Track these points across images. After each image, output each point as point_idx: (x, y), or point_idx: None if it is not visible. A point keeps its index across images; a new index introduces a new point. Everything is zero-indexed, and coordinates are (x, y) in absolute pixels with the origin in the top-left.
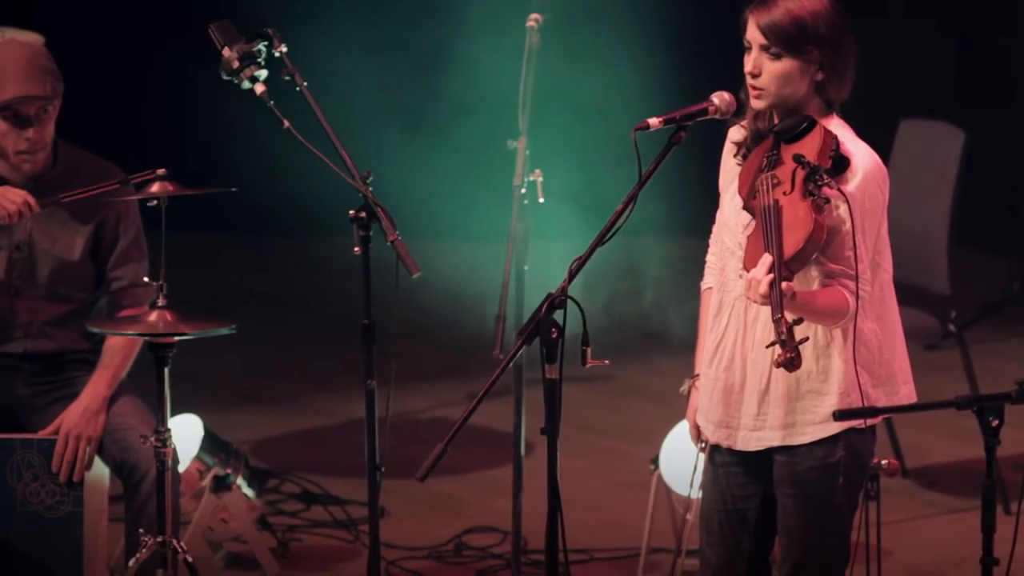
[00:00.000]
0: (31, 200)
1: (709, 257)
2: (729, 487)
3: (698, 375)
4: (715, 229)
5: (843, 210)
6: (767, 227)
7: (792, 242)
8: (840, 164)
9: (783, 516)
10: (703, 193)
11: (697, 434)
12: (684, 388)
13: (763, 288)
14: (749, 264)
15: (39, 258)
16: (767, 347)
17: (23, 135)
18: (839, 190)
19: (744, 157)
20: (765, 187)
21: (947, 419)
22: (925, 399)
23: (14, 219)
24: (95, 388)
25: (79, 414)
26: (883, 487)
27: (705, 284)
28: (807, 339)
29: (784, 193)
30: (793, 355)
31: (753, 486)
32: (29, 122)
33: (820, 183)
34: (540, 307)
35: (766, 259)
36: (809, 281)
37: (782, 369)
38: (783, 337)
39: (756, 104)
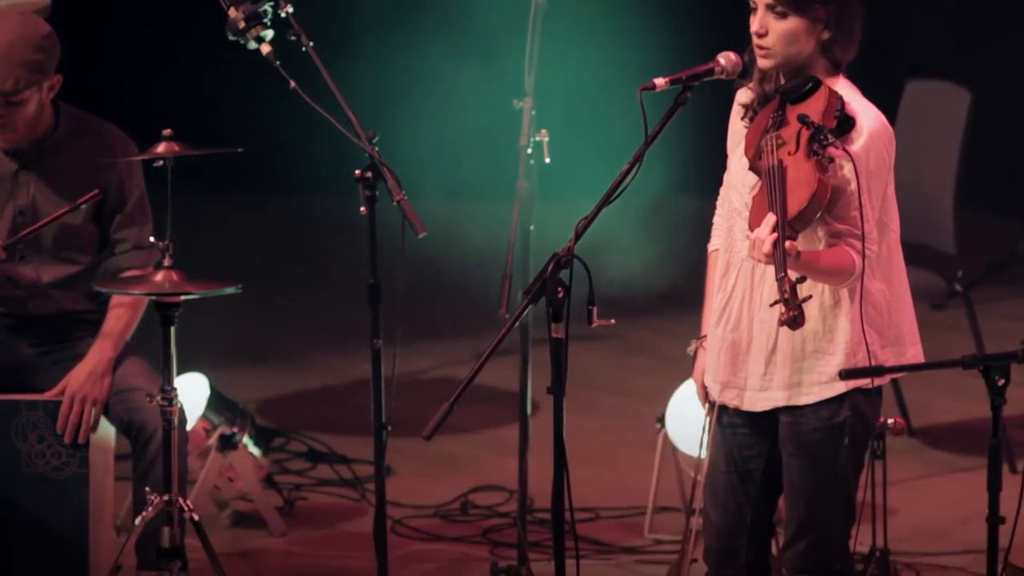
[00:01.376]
0: None
1: (716, 219)
2: (735, 447)
3: (705, 336)
4: (722, 190)
5: (848, 170)
6: (771, 187)
7: (796, 201)
8: (845, 124)
9: (788, 477)
10: (711, 153)
11: (704, 395)
12: (691, 349)
13: (766, 247)
14: (754, 224)
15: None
16: (771, 306)
17: None
18: (844, 150)
19: (751, 119)
20: (770, 147)
21: (953, 378)
22: (931, 358)
23: None
24: (100, 350)
25: (84, 376)
26: (889, 446)
27: (712, 246)
28: (810, 297)
29: (789, 153)
30: (796, 313)
31: (759, 446)
32: None
33: (825, 143)
34: (546, 267)
35: (770, 219)
36: (815, 241)
37: (786, 328)
38: (786, 296)
39: (763, 64)
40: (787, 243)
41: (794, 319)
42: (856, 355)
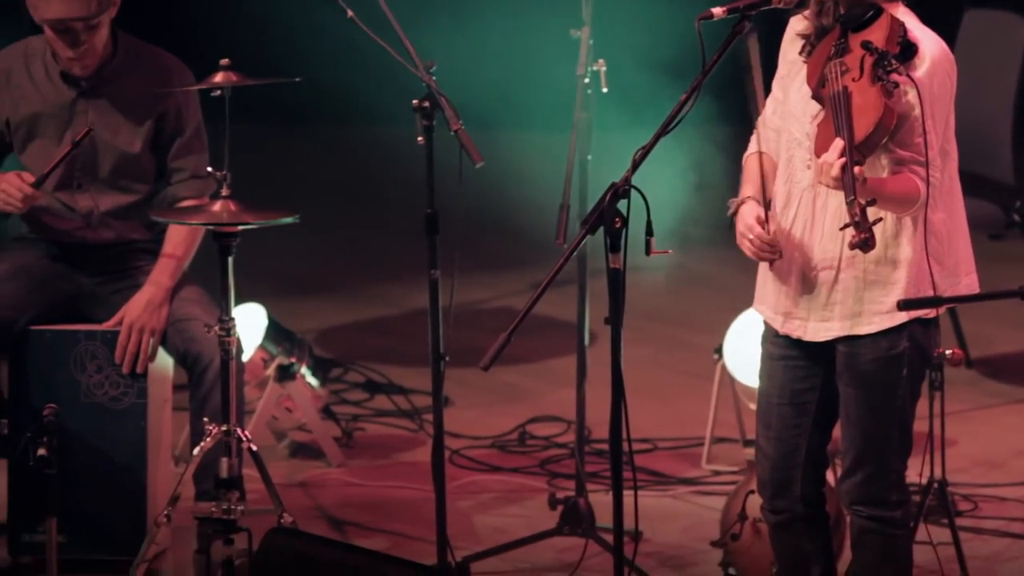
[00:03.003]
0: (28, 191)
1: (757, 127)
2: (789, 380)
3: (748, 197)
4: (766, 110)
5: (912, 96)
6: (837, 113)
7: (862, 127)
8: (908, 50)
9: (845, 408)
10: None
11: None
12: (730, 210)
13: (835, 171)
14: (820, 150)
15: (100, 151)
16: (841, 229)
17: (70, 46)
18: (908, 76)
19: (808, 53)
20: (834, 75)
21: (1011, 309)
22: (989, 289)
23: (23, 209)
24: (158, 280)
25: (142, 306)
26: (947, 377)
27: (748, 151)
28: (881, 219)
29: (853, 80)
30: (868, 236)
31: (813, 378)
32: (76, 36)
33: (889, 68)
34: (604, 196)
35: (838, 143)
36: (879, 169)
37: (853, 257)
38: (857, 219)
39: None
40: (856, 168)
41: (865, 241)
42: (919, 286)
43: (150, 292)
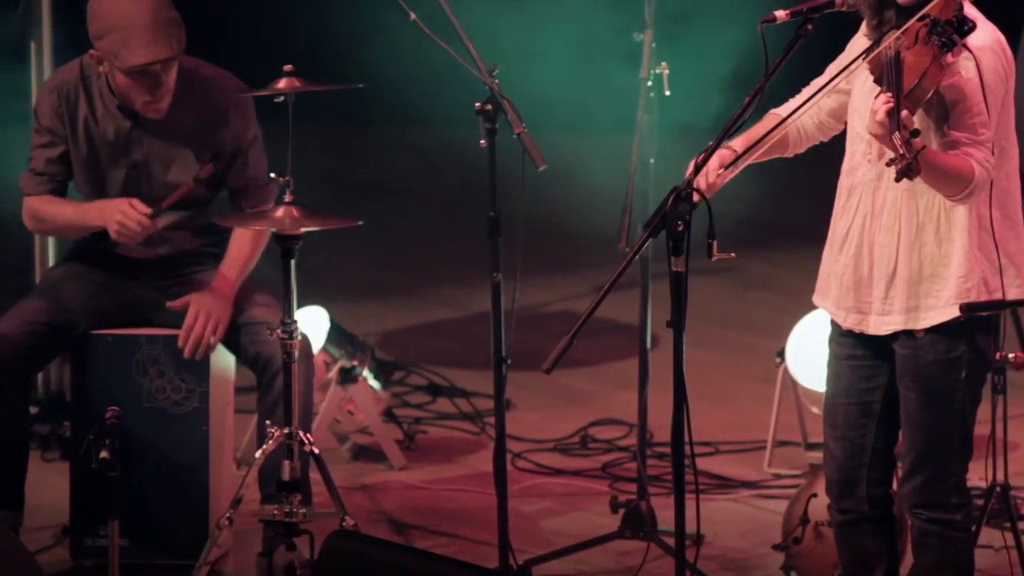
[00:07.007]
0: (147, 222)
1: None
2: (855, 380)
3: (728, 146)
4: (816, 81)
5: (966, 70)
6: (889, 73)
7: (910, 78)
8: (963, 24)
9: (905, 409)
10: None
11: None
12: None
13: (880, 115)
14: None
15: (156, 183)
16: (887, 165)
17: (150, 89)
18: (963, 45)
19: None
20: (890, 47)
21: None
22: None
23: (137, 239)
24: (224, 275)
25: (210, 295)
26: (1010, 380)
27: (773, 110)
28: (925, 147)
29: (907, 48)
30: (911, 161)
31: (878, 378)
32: (156, 78)
33: (942, 32)
34: (666, 200)
35: (885, 95)
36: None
37: (910, 250)
38: (901, 150)
39: None
40: (902, 113)
41: (909, 167)
42: (968, 280)
43: (217, 288)
